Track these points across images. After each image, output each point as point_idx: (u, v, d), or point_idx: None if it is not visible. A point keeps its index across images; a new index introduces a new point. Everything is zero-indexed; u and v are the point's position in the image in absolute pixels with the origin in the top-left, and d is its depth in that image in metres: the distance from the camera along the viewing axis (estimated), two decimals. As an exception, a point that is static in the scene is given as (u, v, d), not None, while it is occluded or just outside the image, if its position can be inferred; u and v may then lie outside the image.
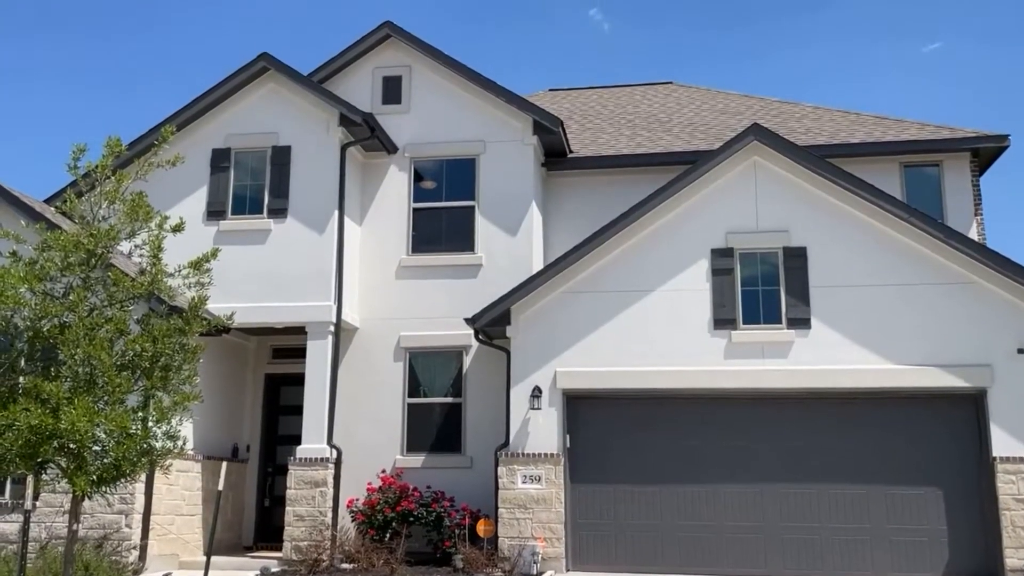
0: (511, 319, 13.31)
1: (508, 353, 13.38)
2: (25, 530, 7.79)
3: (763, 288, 13.13)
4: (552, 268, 13.33)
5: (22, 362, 8.77)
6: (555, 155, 15.81)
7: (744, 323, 12.96)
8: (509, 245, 14.77)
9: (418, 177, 15.41)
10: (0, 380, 8.58)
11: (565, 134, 15.54)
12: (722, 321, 12.97)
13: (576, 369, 13.00)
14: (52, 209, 13.77)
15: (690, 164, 13.84)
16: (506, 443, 13.00)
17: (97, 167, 9.30)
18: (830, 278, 12.84)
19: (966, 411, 12.40)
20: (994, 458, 11.98)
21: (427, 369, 14.68)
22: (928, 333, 12.43)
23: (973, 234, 14.35)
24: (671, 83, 20.64)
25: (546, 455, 12.75)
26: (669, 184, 13.31)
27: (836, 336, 12.64)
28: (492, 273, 14.57)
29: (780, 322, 12.90)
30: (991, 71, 39.32)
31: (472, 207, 15.07)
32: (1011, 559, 11.63)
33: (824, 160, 13.33)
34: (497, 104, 15.23)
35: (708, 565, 12.36)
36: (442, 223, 15.22)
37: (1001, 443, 12.00)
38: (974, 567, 12.01)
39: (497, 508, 12.67)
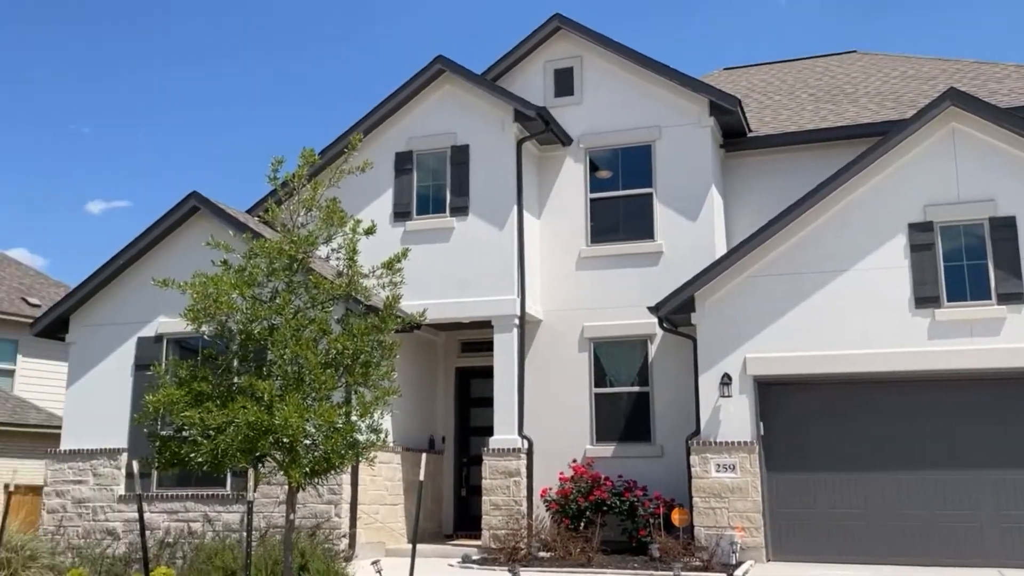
0: (695, 306, 13.07)
1: (694, 340, 13.15)
2: (249, 519, 8.36)
3: (968, 263, 12.28)
4: (736, 252, 12.98)
5: (235, 363, 9.36)
6: (734, 135, 15.39)
7: (949, 301, 12.15)
8: (689, 231, 14.51)
9: (594, 167, 15.40)
10: (218, 380, 9.21)
11: (743, 113, 15.09)
12: (924, 299, 12.22)
13: (766, 355, 12.61)
14: (255, 219, 14.70)
15: (880, 136, 13.14)
16: (697, 431, 12.79)
17: (294, 176, 9.79)
18: (1046, 248, 11.84)
19: None
20: None
21: (612, 358, 14.66)
22: None
23: None
24: (854, 52, 19.62)
25: (739, 443, 12.44)
26: (859, 158, 12.66)
27: (1057, 310, 11.65)
28: (673, 260, 14.37)
29: (989, 298, 12.02)
30: None
31: (650, 194, 14.91)
32: None
33: (1033, 120, 12.30)
34: (671, 88, 14.99)
35: (919, 555, 11.71)
36: (620, 212, 15.14)
37: None
38: None
39: (691, 497, 12.49)
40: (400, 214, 15.03)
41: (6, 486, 11.35)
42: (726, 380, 12.62)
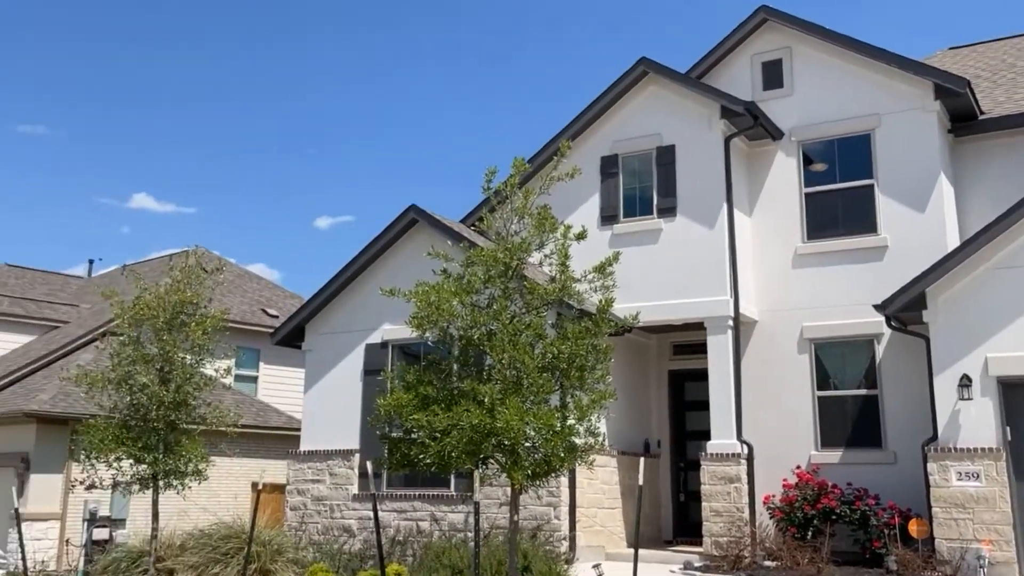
0: (927, 303, 12.22)
1: (926, 340, 12.31)
2: (476, 520, 8.65)
3: None
4: (972, 243, 12.03)
5: (454, 368, 9.70)
6: (963, 119, 14.32)
7: None
8: (917, 223, 13.62)
9: (807, 160, 14.78)
10: (442, 385, 9.58)
11: (973, 94, 14.00)
12: None
13: (1011, 354, 11.59)
14: (469, 228, 15.22)
15: None
16: (934, 437, 11.94)
17: (506, 185, 10.02)
18: None
19: None
20: None
21: (835, 360, 13.98)
22: None
23: None
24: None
25: (983, 449, 11.50)
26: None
27: None
28: (899, 254, 13.54)
29: None
30: None
31: (870, 186, 14.12)
32: None
33: None
34: (890, 73, 14.15)
35: None
36: (838, 206, 14.45)
37: None
38: None
39: (930, 507, 11.66)
40: (607, 217, 15.06)
41: (255, 484, 12.35)
42: (965, 382, 11.71)
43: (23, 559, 12.16)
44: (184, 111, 61.12)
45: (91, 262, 33.04)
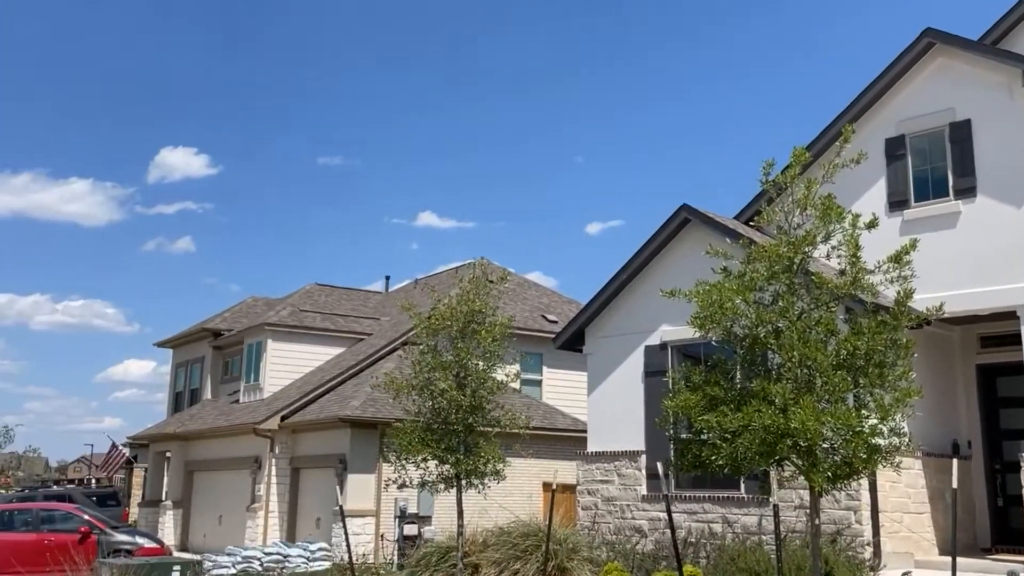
0: None
1: None
2: (776, 523, 8.47)
3: None
4: None
5: (739, 368, 9.52)
6: None
7: None
8: None
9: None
10: (729, 386, 9.45)
11: None
12: None
13: None
14: (744, 225, 14.88)
15: None
16: None
17: (786, 175, 9.70)
18: None
19: None
20: None
21: None
22: None
23: None
24: None
25: None
26: None
27: None
28: None
29: None
30: None
31: None
32: None
33: None
34: None
35: None
36: None
37: None
38: None
39: None
40: (896, 203, 14.14)
41: (547, 484, 12.85)
42: None
43: (348, 551, 13.40)
44: (458, 131, 64.74)
45: (387, 278, 35.94)
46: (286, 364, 25.92)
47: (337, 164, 62.81)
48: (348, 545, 13.25)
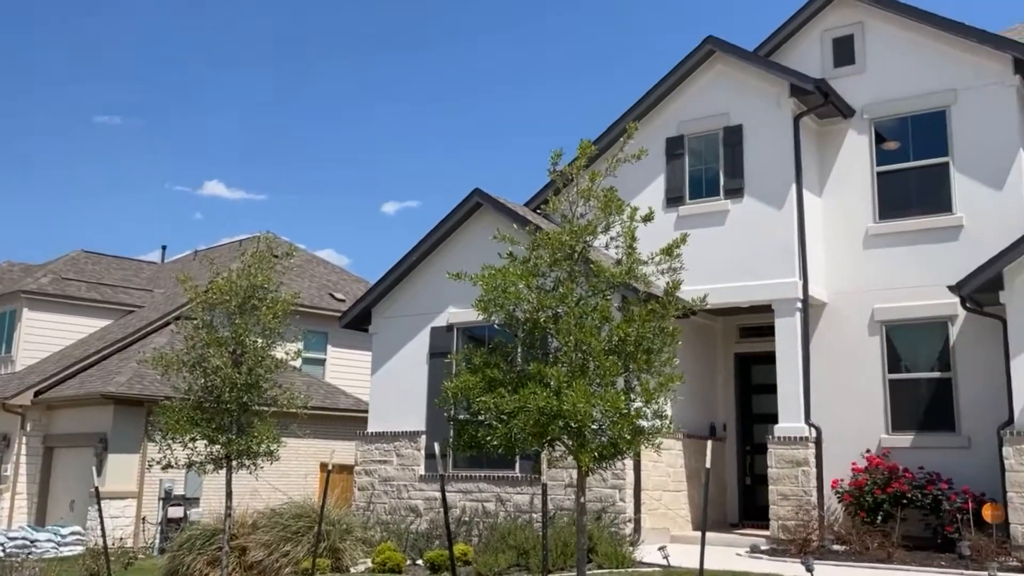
0: (1004, 283, 11.89)
1: (1003, 321, 11.98)
2: (544, 501, 8.72)
3: None
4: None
5: (519, 351, 9.70)
6: (1045, 92, 13.84)
7: None
8: (994, 201, 13.23)
9: (880, 139, 14.44)
10: (508, 368, 9.61)
11: (1056, 67, 13.51)
12: None
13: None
14: (534, 212, 15.21)
15: None
16: (1010, 420, 11.65)
17: (572, 166, 9.95)
18: None
19: None
20: None
21: (907, 343, 13.70)
22: None
23: None
24: None
25: (1062, 434, 11.18)
26: None
27: None
28: (975, 234, 13.17)
29: None
30: None
31: (945, 164, 13.75)
32: None
33: None
34: (967, 47, 13.73)
35: None
36: (911, 185, 14.11)
37: None
38: None
39: (1004, 492, 11.39)
40: (673, 199, 14.93)
41: (323, 465, 12.60)
42: (1045, 364, 11.39)
43: (103, 536, 12.57)
44: (253, 99, 62.22)
45: (164, 248, 33.97)
46: (44, 336, 23.90)
47: (117, 124, 58.46)
48: (103, 528, 12.41)
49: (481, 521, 13.60)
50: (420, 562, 12.35)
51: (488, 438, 8.95)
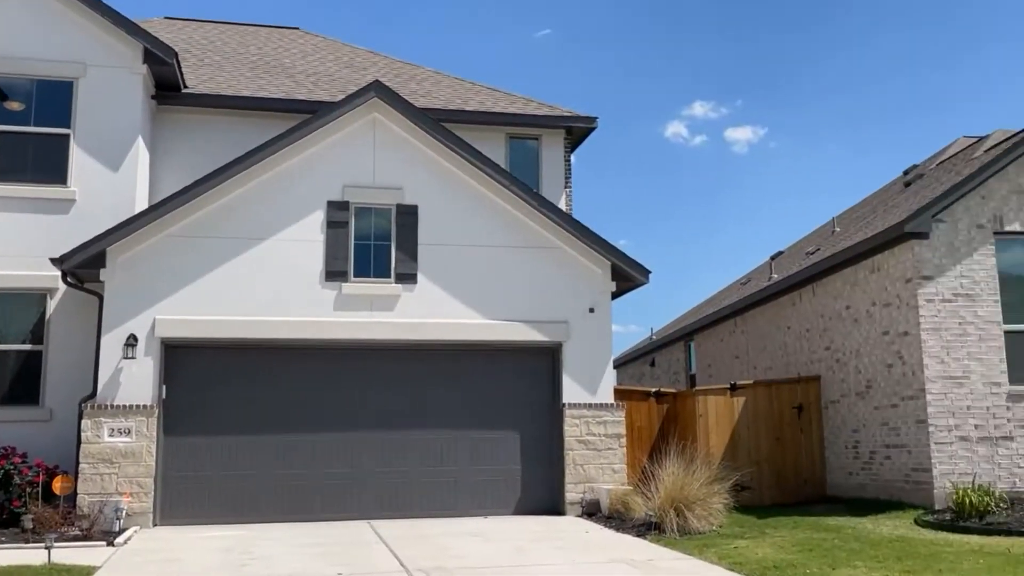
0: (106, 261, 12.31)
1: (101, 298, 12.38)
2: None
3: (375, 243, 13.38)
4: (156, 209, 12.50)
5: None
6: (168, 88, 14.82)
7: (355, 276, 13.13)
8: (110, 181, 13.58)
9: (2, 96, 13.59)
10: None
11: (180, 67, 14.59)
12: (334, 273, 13.04)
13: (178, 317, 12.37)
14: None
15: (312, 114, 13.70)
16: (93, 394, 12.07)
17: None
18: (437, 237, 13.42)
19: (546, 363, 13.64)
20: (563, 404, 13.35)
21: (1, 313, 13.11)
22: (519, 292, 13.46)
23: (562, 204, 15.80)
24: (297, 29, 20.19)
25: (139, 407, 12.01)
26: (289, 131, 13.06)
27: (440, 292, 13.26)
28: (88, 210, 13.33)
29: (389, 276, 13.24)
30: (590, 61, 43.75)
31: (67, 136, 13.63)
32: (570, 493, 13.10)
33: (439, 124, 13.82)
34: (103, 26, 13.88)
35: (302, 512, 12.43)
36: (30, 151, 13.61)
37: (569, 391, 13.40)
38: (542, 501, 13.30)
39: (78, 463, 11.72)
40: None
41: None
42: (132, 341, 12.10)
43: None
44: None
45: None
46: None
47: None
48: None
49: None
50: None
51: None
